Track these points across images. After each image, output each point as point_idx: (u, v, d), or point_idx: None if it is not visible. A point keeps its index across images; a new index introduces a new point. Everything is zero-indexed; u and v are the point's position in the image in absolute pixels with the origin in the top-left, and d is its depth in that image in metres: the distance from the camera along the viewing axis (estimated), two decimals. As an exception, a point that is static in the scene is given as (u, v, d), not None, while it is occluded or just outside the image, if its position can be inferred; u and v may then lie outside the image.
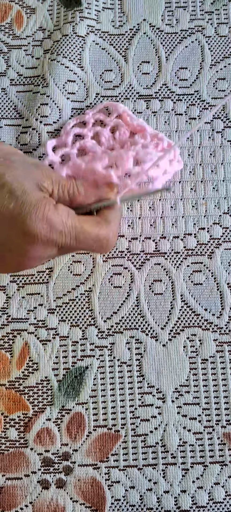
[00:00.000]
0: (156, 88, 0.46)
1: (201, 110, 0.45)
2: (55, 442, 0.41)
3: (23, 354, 0.42)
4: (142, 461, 0.41)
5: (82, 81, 0.46)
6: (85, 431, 0.41)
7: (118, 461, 0.41)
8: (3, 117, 0.46)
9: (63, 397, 0.41)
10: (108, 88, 0.46)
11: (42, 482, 0.40)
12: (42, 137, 0.45)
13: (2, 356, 0.42)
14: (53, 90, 0.46)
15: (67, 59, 0.46)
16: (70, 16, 0.47)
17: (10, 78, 0.47)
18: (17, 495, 0.40)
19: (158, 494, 0.40)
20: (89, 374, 0.42)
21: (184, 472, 0.40)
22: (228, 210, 0.44)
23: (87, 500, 0.40)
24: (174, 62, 0.46)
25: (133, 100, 0.45)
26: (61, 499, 0.40)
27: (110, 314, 0.43)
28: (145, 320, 0.43)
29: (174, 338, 0.42)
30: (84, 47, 0.46)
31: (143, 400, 0.41)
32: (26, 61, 0.47)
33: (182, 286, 0.43)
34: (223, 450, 0.41)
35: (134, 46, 0.47)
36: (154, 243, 0.44)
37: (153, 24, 0.47)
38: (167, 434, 0.41)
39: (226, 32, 0.47)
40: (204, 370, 0.42)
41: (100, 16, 0.47)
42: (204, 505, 0.40)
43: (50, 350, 0.42)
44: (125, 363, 0.42)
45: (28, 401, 0.41)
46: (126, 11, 0.48)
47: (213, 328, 0.42)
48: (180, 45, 0.47)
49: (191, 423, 0.41)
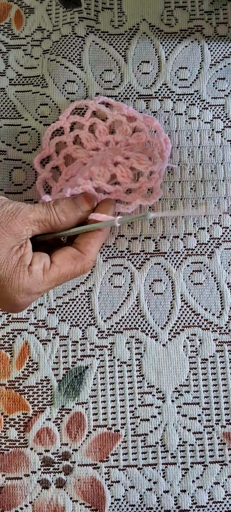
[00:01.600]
0: (155, 88, 0.46)
1: (201, 110, 0.45)
2: (55, 442, 0.41)
3: (23, 354, 0.42)
4: (142, 461, 0.41)
5: (82, 81, 0.46)
6: (85, 431, 0.41)
7: (117, 460, 0.41)
8: (3, 117, 0.46)
9: (63, 397, 0.41)
10: (108, 88, 0.46)
11: (42, 482, 0.40)
12: (41, 137, 0.45)
13: (2, 355, 0.42)
14: (52, 90, 0.46)
15: (66, 59, 0.46)
16: (69, 17, 0.47)
17: (9, 77, 0.47)
18: (17, 495, 0.40)
19: (157, 494, 0.40)
20: (89, 374, 0.42)
21: (184, 471, 0.40)
22: (228, 209, 0.44)
23: (87, 500, 0.40)
24: (174, 62, 0.46)
25: (133, 100, 0.45)
26: (61, 498, 0.40)
27: (110, 314, 0.43)
28: (145, 320, 0.43)
29: (174, 338, 0.42)
30: (84, 47, 0.46)
31: (142, 400, 0.41)
32: (25, 61, 0.47)
33: (182, 285, 0.43)
34: (223, 450, 0.41)
35: (134, 46, 0.47)
36: (154, 243, 0.44)
37: (153, 24, 0.47)
38: (167, 434, 0.41)
39: (226, 31, 0.47)
40: (204, 370, 0.42)
41: (100, 16, 0.47)
42: (204, 505, 0.40)
43: (50, 350, 0.42)
44: (124, 363, 0.42)
45: (28, 401, 0.41)
46: (125, 11, 0.47)
47: (213, 328, 0.42)
48: (179, 45, 0.47)
49: (191, 422, 0.41)
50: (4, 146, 0.45)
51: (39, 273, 0.34)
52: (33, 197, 0.44)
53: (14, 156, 0.45)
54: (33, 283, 0.34)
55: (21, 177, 0.44)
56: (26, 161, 0.45)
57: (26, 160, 0.45)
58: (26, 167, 0.45)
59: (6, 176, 0.44)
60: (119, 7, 0.48)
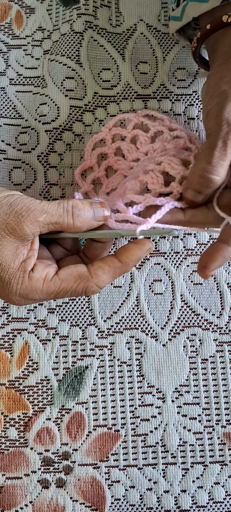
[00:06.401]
0: (154, 88, 0.46)
1: (199, 110, 0.45)
2: (55, 441, 0.41)
3: (23, 354, 0.42)
4: (142, 461, 0.41)
5: (80, 77, 0.46)
6: (85, 430, 0.41)
7: (117, 460, 0.41)
8: (3, 116, 0.46)
9: (63, 396, 0.41)
10: (106, 88, 0.46)
11: (42, 482, 0.40)
12: (40, 136, 0.45)
13: (2, 355, 0.42)
14: (51, 88, 0.46)
15: (65, 56, 0.46)
16: (68, 15, 0.47)
17: (10, 77, 0.47)
18: (17, 495, 0.40)
19: (158, 494, 0.40)
20: (89, 374, 0.42)
21: (184, 471, 0.40)
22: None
23: (87, 500, 0.40)
24: (172, 62, 0.46)
25: (131, 100, 0.45)
26: (61, 498, 0.40)
27: (110, 314, 0.43)
28: (145, 320, 0.43)
29: (174, 338, 0.42)
30: (82, 43, 0.46)
31: (143, 400, 0.41)
32: (26, 61, 0.47)
33: (182, 286, 0.43)
34: (223, 450, 0.41)
35: (131, 46, 0.47)
36: (153, 243, 0.44)
37: (150, 24, 0.47)
38: (167, 434, 0.41)
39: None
40: (204, 370, 0.42)
41: (98, 12, 0.47)
42: (204, 505, 0.40)
43: (50, 350, 0.42)
44: (124, 363, 0.42)
45: (28, 401, 0.41)
46: (122, 11, 0.47)
47: (213, 328, 0.42)
48: (177, 45, 0.46)
49: (191, 423, 0.41)
50: (4, 145, 0.45)
51: (39, 282, 0.33)
52: (33, 197, 0.44)
53: (14, 156, 0.45)
54: (31, 290, 0.33)
55: (21, 177, 0.44)
56: (25, 161, 0.45)
57: (25, 160, 0.45)
58: (26, 167, 0.45)
59: (5, 176, 0.44)
60: (116, 7, 0.47)
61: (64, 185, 0.44)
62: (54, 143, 0.45)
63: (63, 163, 0.44)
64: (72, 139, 0.45)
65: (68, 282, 0.34)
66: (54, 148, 0.45)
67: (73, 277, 0.34)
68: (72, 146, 0.45)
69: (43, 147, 0.45)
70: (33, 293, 0.33)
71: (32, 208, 0.33)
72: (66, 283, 0.34)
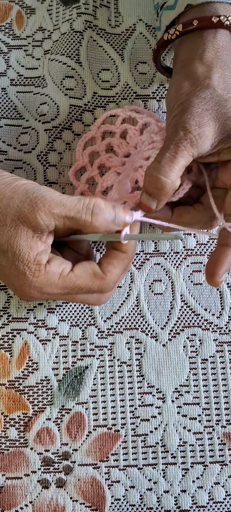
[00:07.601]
0: (153, 88, 0.46)
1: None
2: (55, 441, 0.41)
3: (23, 354, 0.42)
4: (142, 461, 0.41)
5: (80, 77, 0.46)
6: (85, 430, 0.41)
7: (117, 460, 0.41)
8: (3, 117, 0.46)
9: (63, 396, 0.41)
10: (105, 88, 0.46)
11: (42, 482, 0.40)
12: (40, 136, 0.45)
13: (2, 355, 0.42)
14: (51, 86, 0.46)
15: (64, 55, 0.46)
16: (68, 15, 0.47)
17: (11, 78, 0.47)
18: (17, 495, 0.40)
19: (158, 494, 0.40)
20: (89, 374, 0.42)
21: (184, 472, 0.40)
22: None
23: (87, 500, 0.40)
24: (171, 62, 0.46)
25: (130, 100, 0.45)
26: (61, 498, 0.40)
27: (110, 314, 0.43)
28: (145, 320, 0.43)
29: (174, 338, 0.42)
30: (82, 42, 0.46)
31: (143, 400, 0.41)
32: (26, 61, 0.47)
33: (182, 286, 0.43)
34: (223, 450, 0.41)
35: (130, 46, 0.47)
36: (153, 243, 0.44)
37: (149, 24, 0.47)
38: (167, 434, 0.41)
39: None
40: (204, 370, 0.42)
41: (98, 12, 0.47)
42: (204, 505, 0.40)
43: (50, 350, 0.42)
44: (124, 363, 0.42)
45: (28, 401, 0.41)
46: (121, 11, 0.47)
47: (213, 328, 0.42)
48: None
49: (191, 423, 0.41)
50: (5, 146, 0.45)
51: (55, 276, 0.33)
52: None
53: (15, 157, 0.45)
54: (46, 283, 0.33)
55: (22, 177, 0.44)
56: (26, 161, 0.45)
57: (26, 160, 0.45)
58: (27, 167, 0.45)
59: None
60: (115, 7, 0.48)
61: (64, 184, 0.44)
62: (54, 142, 0.45)
63: (63, 162, 0.45)
64: (72, 138, 0.45)
65: (83, 279, 0.34)
66: (54, 147, 0.45)
67: (88, 274, 0.34)
68: (72, 146, 0.45)
69: (42, 146, 0.45)
70: (48, 287, 0.33)
71: (48, 199, 0.32)
72: (81, 280, 0.34)
